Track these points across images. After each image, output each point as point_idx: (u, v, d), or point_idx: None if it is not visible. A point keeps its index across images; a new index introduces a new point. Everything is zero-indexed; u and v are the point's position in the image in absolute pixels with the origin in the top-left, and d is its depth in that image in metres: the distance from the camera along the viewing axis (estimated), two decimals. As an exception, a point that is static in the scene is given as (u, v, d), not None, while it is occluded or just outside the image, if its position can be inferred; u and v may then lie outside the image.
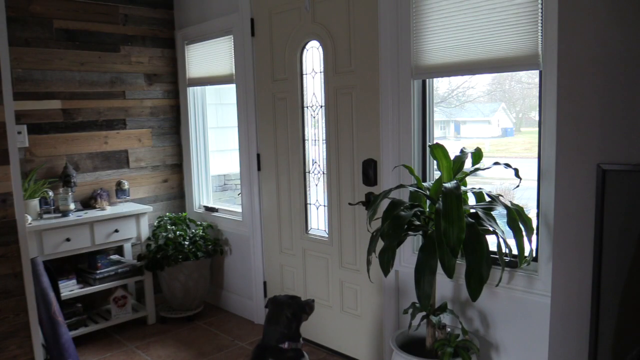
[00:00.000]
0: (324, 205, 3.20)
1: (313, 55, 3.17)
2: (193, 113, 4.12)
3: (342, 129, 2.99)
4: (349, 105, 2.93)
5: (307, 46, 3.17)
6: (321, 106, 3.13)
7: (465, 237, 1.97)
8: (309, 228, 3.32)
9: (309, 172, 3.29)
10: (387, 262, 2.16)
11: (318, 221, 3.30)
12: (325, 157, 3.14)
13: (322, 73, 3.07)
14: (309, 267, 3.31)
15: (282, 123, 3.34)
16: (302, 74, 3.22)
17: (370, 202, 2.75)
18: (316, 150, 3.24)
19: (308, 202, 3.30)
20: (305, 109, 3.24)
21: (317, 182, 3.26)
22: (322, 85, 3.08)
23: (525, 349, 2.37)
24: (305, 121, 3.26)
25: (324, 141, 3.12)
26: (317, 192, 3.28)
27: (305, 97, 3.23)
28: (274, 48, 3.32)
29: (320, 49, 3.07)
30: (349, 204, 2.94)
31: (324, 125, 3.12)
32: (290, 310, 2.41)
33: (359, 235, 2.96)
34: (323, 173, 3.20)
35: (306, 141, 3.26)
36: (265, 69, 3.40)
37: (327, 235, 3.18)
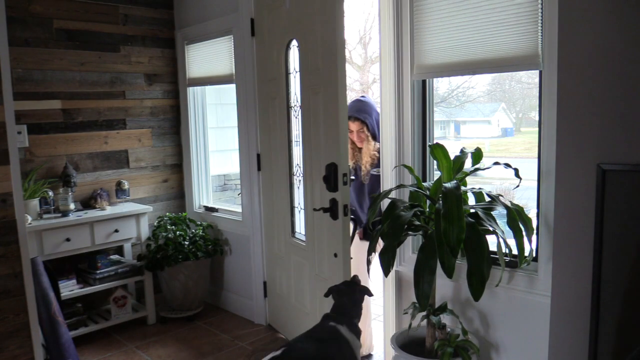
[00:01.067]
0: (304, 209, 3.06)
1: (294, 54, 3.02)
2: (193, 113, 4.11)
3: (313, 130, 2.83)
4: (319, 105, 2.76)
5: (291, 44, 3.03)
6: (300, 106, 3.02)
7: (466, 237, 1.97)
8: (295, 232, 3.22)
9: (294, 175, 3.18)
10: (387, 262, 2.17)
11: (300, 225, 3.16)
12: (302, 159, 3.02)
13: (299, 72, 2.94)
14: (294, 271, 3.22)
15: (274, 123, 3.29)
16: (287, 73, 3.10)
17: (332, 209, 2.63)
18: (298, 152, 3.11)
19: (294, 205, 3.20)
20: (290, 109, 3.12)
21: (299, 185, 3.14)
22: (299, 84, 2.96)
23: (525, 349, 2.37)
24: (290, 122, 3.13)
25: (302, 143, 3.00)
26: (299, 195, 3.16)
27: (290, 96, 3.11)
28: (268, 47, 3.27)
29: (297, 47, 2.94)
30: (314, 209, 2.80)
31: (301, 126, 2.99)
32: (360, 294, 2.39)
33: (328, 243, 2.77)
34: (303, 176, 3.07)
35: (292, 142, 3.16)
36: (262, 69, 3.37)
37: (305, 241, 3.06)
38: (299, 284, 3.17)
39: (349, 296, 2.36)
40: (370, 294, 2.44)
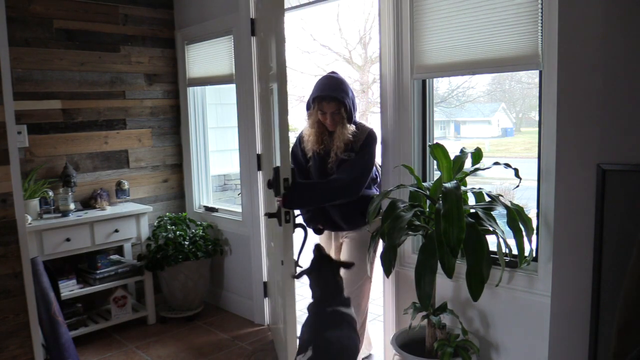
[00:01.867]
0: None
1: None
2: (193, 113, 4.11)
3: (271, 131, 2.76)
4: (273, 105, 2.65)
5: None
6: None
7: (466, 237, 1.97)
8: None
9: None
10: (389, 262, 2.17)
11: None
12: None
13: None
14: (273, 275, 3.21)
15: (263, 123, 3.25)
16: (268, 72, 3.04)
17: (277, 215, 2.50)
18: None
19: None
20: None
21: None
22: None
23: (525, 349, 2.37)
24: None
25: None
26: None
27: None
28: (261, 46, 3.22)
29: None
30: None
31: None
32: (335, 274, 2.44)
33: (279, 250, 2.67)
34: None
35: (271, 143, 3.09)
36: (260, 69, 3.36)
37: (274, 245, 3.00)
38: (274, 288, 3.16)
39: (330, 278, 2.41)
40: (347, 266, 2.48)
